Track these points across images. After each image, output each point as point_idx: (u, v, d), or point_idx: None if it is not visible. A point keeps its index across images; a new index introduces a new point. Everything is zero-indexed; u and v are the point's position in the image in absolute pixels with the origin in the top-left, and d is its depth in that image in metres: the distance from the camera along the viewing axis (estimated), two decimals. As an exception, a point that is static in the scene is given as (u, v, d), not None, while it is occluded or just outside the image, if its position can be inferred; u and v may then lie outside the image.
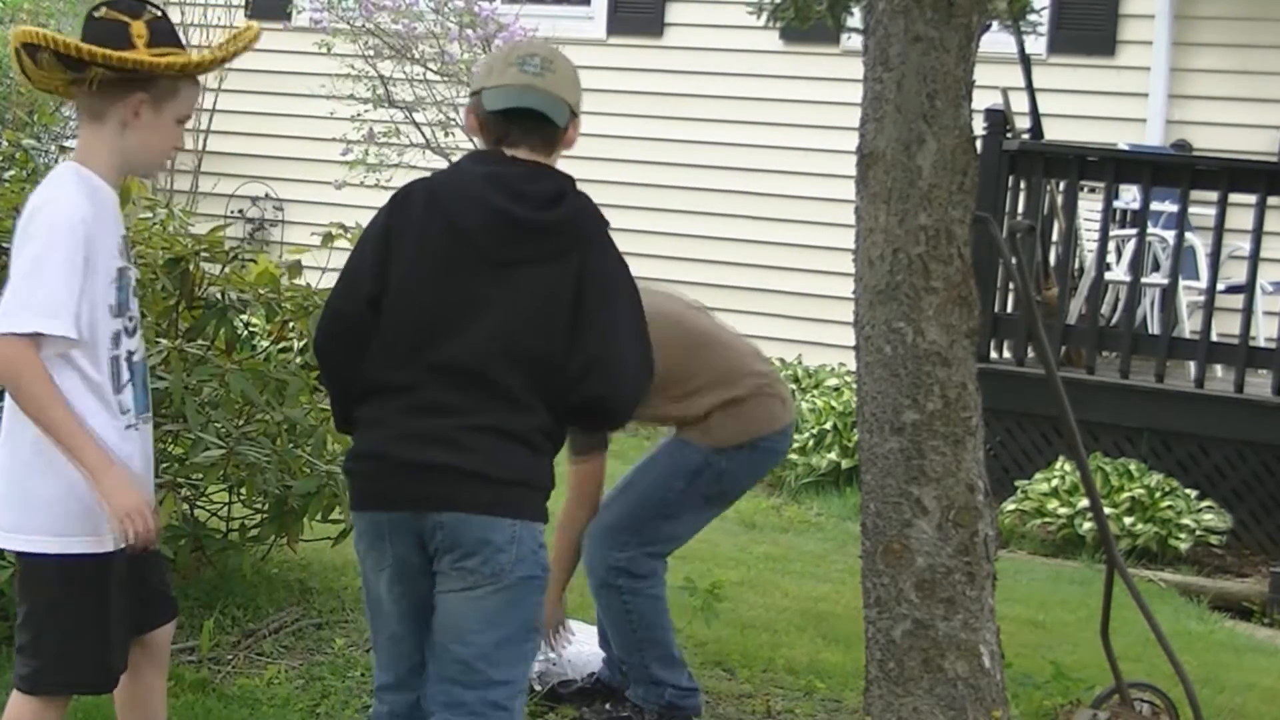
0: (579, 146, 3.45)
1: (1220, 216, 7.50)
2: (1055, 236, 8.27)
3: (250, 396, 4.99)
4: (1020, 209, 7.91)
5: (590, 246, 3.24)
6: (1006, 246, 5.49)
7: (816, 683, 5.05)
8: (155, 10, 3.29)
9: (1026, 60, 8.28)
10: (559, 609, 4.63)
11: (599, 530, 4.51)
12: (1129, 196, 8.94)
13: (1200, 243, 8.37)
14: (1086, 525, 7.13)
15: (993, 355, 7.92)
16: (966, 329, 4.00)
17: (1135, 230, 7.96)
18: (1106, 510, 6.71)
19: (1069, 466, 7.37)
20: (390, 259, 3.23)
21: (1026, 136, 8.22)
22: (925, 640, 4.00)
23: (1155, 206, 8.20)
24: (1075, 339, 7.92)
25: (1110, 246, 8.32)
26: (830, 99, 9.60)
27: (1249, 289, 7.59)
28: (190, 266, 5.10)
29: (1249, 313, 7.58)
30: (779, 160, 10.23)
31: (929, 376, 3.97)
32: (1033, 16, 5.11)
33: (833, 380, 9.26)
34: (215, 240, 5.22)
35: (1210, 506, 7.30)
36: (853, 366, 4.28)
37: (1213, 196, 7.63)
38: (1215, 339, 7.62)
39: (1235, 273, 8.29)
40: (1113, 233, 8.23)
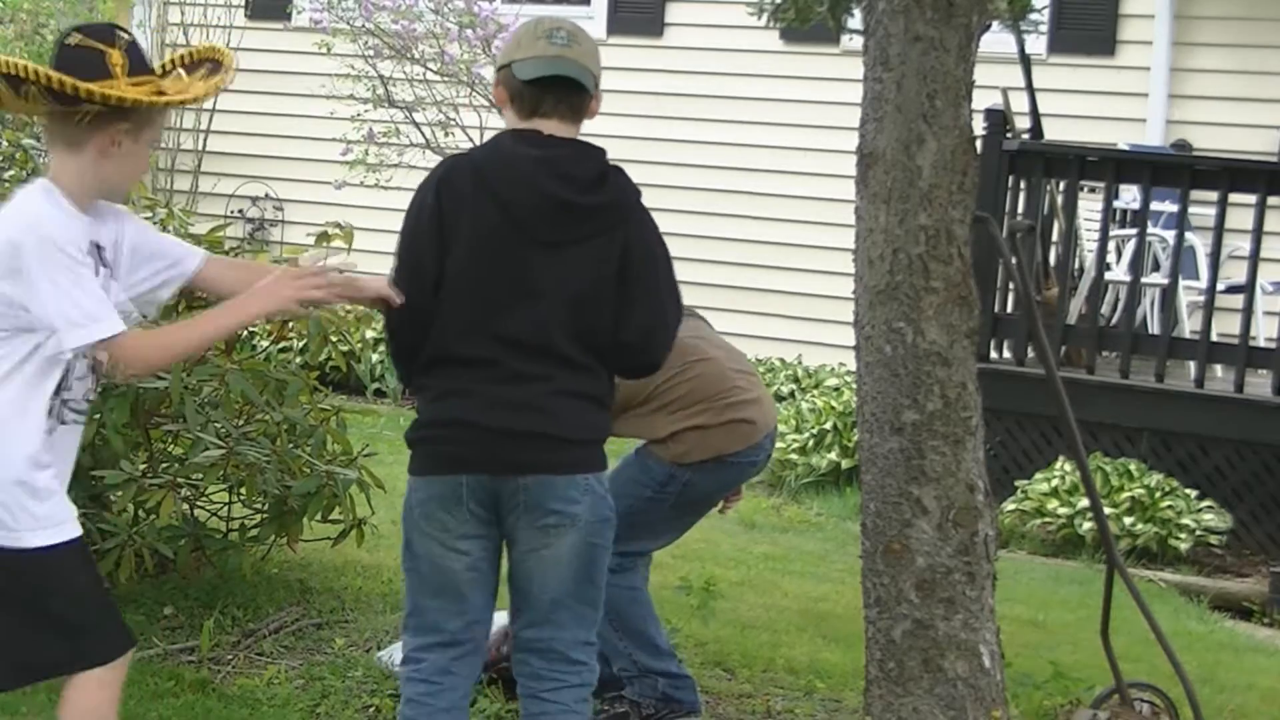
0: (579, 147, 3.49)
1: (1220, 216, 7.50)
2: (1055, 236, 8.27)
3: (250, 396, 5.00)
4: (1020, 209, 7.91)
5: (630, 222, 3.47)
6: (1006, 246, 5.49)
7: (816, 683, 5.05)
8: (125, 36, 3.26)
9: (1026, 60, 8.28)
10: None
11: None
12: (1129, 196, 8.93)
13: (1200, 243, 8.37)
14: (1086, 525, 7.13)
15: (993, 355, 7.91)
16: (966, 329, 4.00)
17: (1135, 230, 7.97)
18: (1106, 510, 6.71)
19: (1069, 466, 7.37)
20: (446, 241, 3.40)
21: (1026, 136, 8.22)
22: (925, 640, 4.00)
23: (1155, 206, 8.20)
24: (1075, 339, 7.92)
25: (1110, 246, 8.32)
26: (830, 99, 9.59)
27: (1249, 289, 7.59)
28: (190, 266, 5.09)
29: (1249, 313, 7.58)
30: (779, 160, 10.23)
31: (929, 376, 3.97)
32: (1033, 16, 5.11)
33: (833, 380, 9.27)
34: (215, 240, 5.22)
35: (1210, 506, 7.30)
36: (853, 366, 4.28)
37: (1213, 196, 7.63)
38: (1215, 339, 7.61)
39: (1235, 273, 8.29)
40: (1113, 233, 8.22)
